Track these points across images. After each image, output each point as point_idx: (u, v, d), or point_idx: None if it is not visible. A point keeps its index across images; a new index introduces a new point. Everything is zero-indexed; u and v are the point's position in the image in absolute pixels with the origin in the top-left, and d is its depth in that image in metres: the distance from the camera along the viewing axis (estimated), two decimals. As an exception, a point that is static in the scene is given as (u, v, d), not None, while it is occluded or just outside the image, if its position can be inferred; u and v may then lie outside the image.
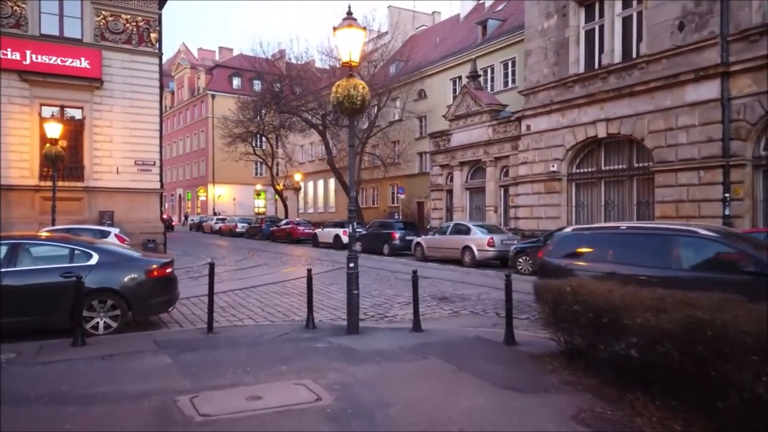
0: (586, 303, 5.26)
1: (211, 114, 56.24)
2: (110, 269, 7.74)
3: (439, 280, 13.94)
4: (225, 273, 15.52)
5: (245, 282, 13.61)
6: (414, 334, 7.47)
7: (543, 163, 19.39)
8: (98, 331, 7.50)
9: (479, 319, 9.25)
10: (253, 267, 17.42)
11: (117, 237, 14.85)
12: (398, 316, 9.62)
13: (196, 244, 29.34)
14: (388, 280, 13.97)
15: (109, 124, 18.70)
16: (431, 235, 19.37)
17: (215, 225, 42.75)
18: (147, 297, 7.89)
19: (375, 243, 22.63)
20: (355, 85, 7.38)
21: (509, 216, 21.51)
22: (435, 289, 12.45)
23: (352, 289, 7.60)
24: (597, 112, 17.50)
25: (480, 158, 22.83)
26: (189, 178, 63.58)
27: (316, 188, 47.93)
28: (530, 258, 14.80)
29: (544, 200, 19.38)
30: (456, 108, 24.12)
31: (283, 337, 7.33)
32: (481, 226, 17.90)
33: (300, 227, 30.94)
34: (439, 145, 25.41)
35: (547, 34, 19.31)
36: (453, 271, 15.87)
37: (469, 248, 17.06)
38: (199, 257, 20.80)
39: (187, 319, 9.01)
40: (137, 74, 19.05)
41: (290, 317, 9.33)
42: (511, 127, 21.12)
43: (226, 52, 67.50)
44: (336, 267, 17.15)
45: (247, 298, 11.10)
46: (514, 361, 6.04)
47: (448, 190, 25.32)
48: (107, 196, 18.61)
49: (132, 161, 19.03)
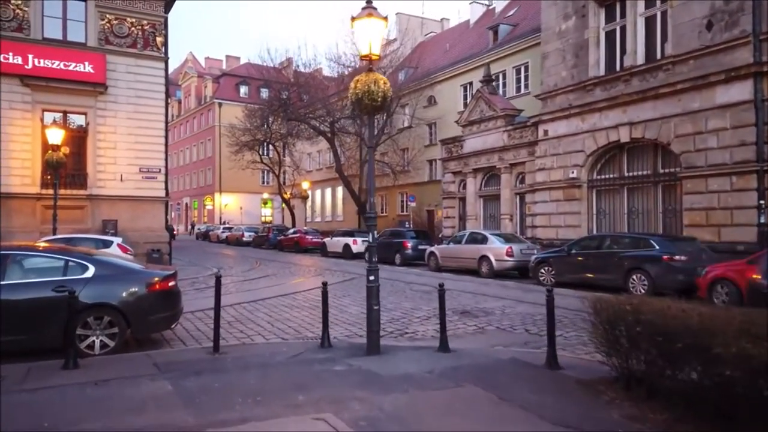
0: (653, 325, 4.53)
1: (217, 122, 55.91)
2: (107, 282, 7.07)
3: (457, 292, 13.19)
4: (232, 284, 14.86)
5: (253, 294, 12.93)
6: (442, 355, 6.73)
7: (562, 170, 18.65)
8: (94, 351, 6.82)
9: (508, 337, 8.50)
10: (261, 278, 16.74)
11: (119, 247, 14.25)
12: (419, 332, 8.89)
13: (203, 254, 28.75)
14: (403, 292, 13.24)
15: (113, 131, 18.15)
16: (445, 245, 18.64)
17: (222, 234, 42.20)
18: (148, 313, 7.22)
19: (386, 252, 21.87)
20: (375, 80, 6.72)
21: (525, 225, 20.76)
22: (455, 302, 11.70)
23: (373, 305, 6.89)
24: (619, 116, 16.77)
25: (494, 165, 22.12)
26: (195, 187, 63.23)
27: (323, 196, 47.32)
28: (553, 268, 14.03)
29: (563, 208, 18.61)
30: (469, 113, 23.45)
31: (297, 358, 6.61)
32: (498, 234, 17.15)
33: (308, 236, 30.28)
34: (451, 151, 24.73)
35: (565, 36, 18.65)
36: (470, 282, 15.12)
37: (486, 258, 16.31)
38: (206, 267, 20.16)
39: (191, 336, 8.32)
40: (142, 79, 18.52)
41: (303, 334, 8.62)
42: (527, 132, 20.43)
43: (233, 61, 67.34)
44: (347, 278, 16.44)
45: (256, 312, 10.41)
46: (562, 390, 5.29)
47: (460, 197, 24.60)
48: (111, 204, 18.02)
49: (136, 168, 18.46)
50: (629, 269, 12.16)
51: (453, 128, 29.71)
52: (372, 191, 7.08)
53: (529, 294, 12.61)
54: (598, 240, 13.71)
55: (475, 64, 31.69)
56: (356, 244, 24.58)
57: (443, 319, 7.04)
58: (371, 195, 7.06)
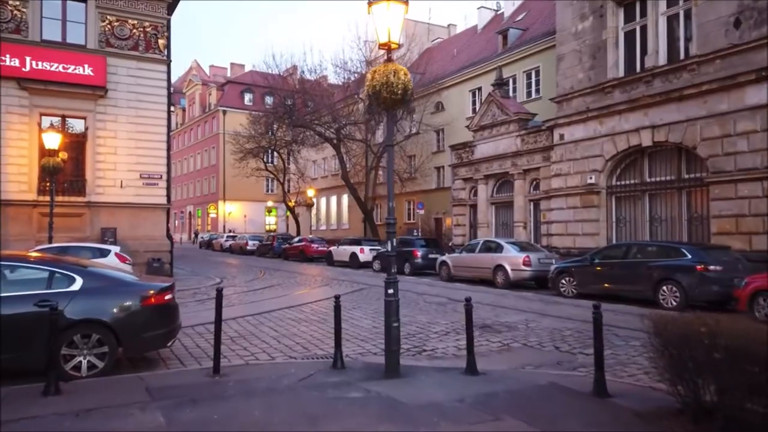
0: (739, 350, 3.77)
1: (222, 130, 55.48)
2: (97, 296, 6.36)
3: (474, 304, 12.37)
4: (235, 296, 14.13)
5: (257, 306, 12.19)
6: (470, 379, 5.98)
7: (579, 175, 17.90)
8: (80, 373, 6.10)
9: (538, 355, 7.72)
10: (265, 288, 16.01)
11: (117, 256, 13.56)
12: (438, 349, 8.13)
13: (206, 263, 28.08)
14: (416, 304, 12.47)
15: (114, 135, 17.53)
16: (457, 254, 17.87)
17: (225, 243, 41.52)
18: (141, 330, 6.50)
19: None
20: (395, 70, 6.01)
21: (540, 233, 19.99)
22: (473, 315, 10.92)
23: (392, 322, 6.15)
24: (640, 119, 16.04)
25: (507, 170, 21.39)
26: (199, 195, 62.72)
27: (328, 204, 46.65)
28: (574, 279, 13.24)
29: (580, 215, 17.85)
30: (480, 118, 22.76)
31: (307, 382, 5.87)
32: (513, 243, 16.39)
33: (314, 245, 29.54)
34: (461, 157, 24.02)
35: (582, 37, 17.97)
36: (486, 293, 14.34)
37: (502, 268, 15.54)
38: (208, 277, 19.47)
39: (190, 355, 7.58)
40: (144, 82, 17.92)
41: (312, 351, 7.87)
42: (541, 136, 19.71)
43: (238, 69, 67.08)
44: (356, 288, 15.69)
45: (261, 327, 9.67)
46: (619, 424, 4.53)
47: (471, 204, 23.86)
48: (110, 211, 17.36)
49: (137, 175, 17.81)
50: (659, 280, 11.37)
51: (461, 134, 29.07)
52: (391, 194, 6.36)
53: (551, 306, 11.84)
54: (623, 249, 12.93)
55: (484, 69, 31.11)
56: (363, 252, 23.84)
57: (470, 337, 6.29)
58: (391, 199, 6.34)
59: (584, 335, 8.80)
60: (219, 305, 6.23)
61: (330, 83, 39.47)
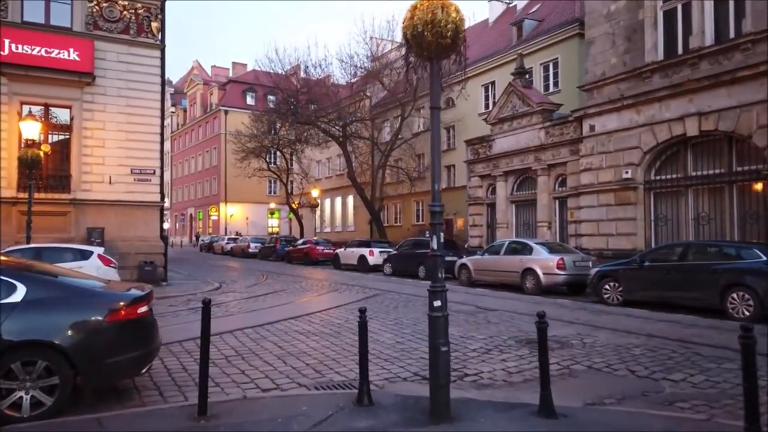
0: None
1: (223, 130, 54.09)
2: (45, 310, 4.80)
3: (508, 313, 10.81)
4: (234, 303, 12.55)
5: (259, 316, 10.60)
6: (549, 424, 4.37)
7: (612, 170, 16.30)
8: (21, 413, 4.54)
9: (612, 383, 6.11)
10: (267, 294, 14.42)
11: (100, 258, 12.01)
12: (484, 373, 6.52)
13: (205, 267, 26.53)
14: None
15: (102, 126, 16.00)
16: (479, 256, 16.25)
17: (226, 245, 39.99)
18: (106, 353, 4.94)
19: (408, 265, 19.57)
20: (443, 5, 4.44)
21: (567, 233, 18.38)
22: (512, 327, 9.34)
23: (439, 345, 4.58)
24: (684, 106, 14.44)
25: (530, 166, 19.78)
26: (200, 197, 61.33)
27: (333, 206, 45.12)
28: (620, 284, 11.61)
29: (614, 213, 16.23)
30: (499, 110, 21.18)
31: (325, 428, 4.28)
32: (543, 244, 14.77)
33: (319, 247, 27.95)
34: (478, 152, 22.44)
35: (615, 18, 16.39)
36: (517, 301, 12.72)
37: (531, 272, 13.92)
38: (206, 281, 17.91)
39: (173, 382, 6.00)
40: (136, 69, 16.39)
41: (326, 376, 6.29)
42: (568, 128, 18.11)
43: (240, 68, 65.73)
44: (369, 294, 14.09)
45: (262, 342, 8.08)
46: None
47: (489, 203, 22.25)
48: (98, 210, 15.81)
49: (128, 170, 16.27)
50: (727, 286, 9.74)
51: (473, 130, 27.65)
52: (438, 173, 4.75)
53: (601, 317, 10.21)
54: (680, 250, 11.27)
55: (497, 62, 29.64)
56: (373, 255, 22.26)
57: (545, 366, 4.65)
58: (437, 179, 4.73)
59: (658, 354, 7.20)
60: (206, 323, 4.63)
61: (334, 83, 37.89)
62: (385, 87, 33.58)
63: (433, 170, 4.76)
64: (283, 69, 35.13)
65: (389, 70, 33.74)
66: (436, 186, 4.71)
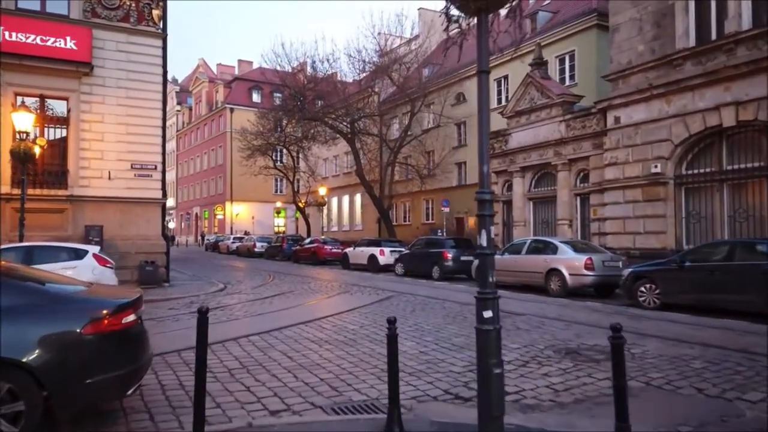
0: None
1: (229, 128, 53.40)
2: (7, 320, 3.96)
3: (537, 318, 9.91)
4: (239, 306, 11.72)
5: (266, 321, 9.77)
6: (631, 467, 3.50)
7: (640, 164, 15.36)
8: (-22, 447, 3.72)
9: (680, 403, 5.22)
10: (274, 296, 13.59)
11: (96, 258, 11.21)
12: (527, 391, 5.63)
13: (210, 267, 25.77)
14: (464, 319, 9.96)
15: (101, 119, 15.22)
16: (499, 255, 15.32)
17: (232, 245, 39.25)
18: (84, 372, 4.12)
19: (421, 265, 18.69)
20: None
21: (590, 231, 17.45)
22: (545, 334, 8.44)
23: (491, 365, 3.71)
24: (720, 95, 13.49)
25: (549, 161, 18.85)
26: (206, 196, 60.70)
27: (340, 204, 44.31)
28: (657, 286, 10.69)
29: (642, 210, 15.29)
30: (516, 102, 20.24)
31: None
32: (568, 243, 13.85)
33: (327, 246, 27.09)
34: (493, 147, 21.49)
35: (642, 3, 15.43)
36: (543, 304, 11.82)
37: (557, 272, 13.00)
38: (211, 282, 17.12)
39: (167, 401, 5.16)
40: (136, 59, 15.61)
41: (344, 393, 5.44)
42: (591, 121, 17.18)
43: (246, 65, 64.93)
44: (382, 296, 13.22)
45: (270, 352, 7.23)
46: None
47: (505, 201, 21.33)
48: (96, 207, 15.04)
49: (128, 165, 15.49)
50: (782, 288, 8.82)
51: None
52: (485, 153, 3.87)
53: (642, 323, 9.27)
54: (725, 249, 10.35)
55: (508, 56, 28.59)
56: (384, 255, 21.39)
57: (622, 393, 3.77)
58: (485, 159, 3.85)
59: (723, 368, 6.30)
60: (202, 336, 3.79)
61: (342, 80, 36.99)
62: (394, 82, 32.73)
63: (481, 150, 3.88)
64: (289, 64, 34.30)
65: (398, 65, 32.91)
66: (486, 168, 3.82)
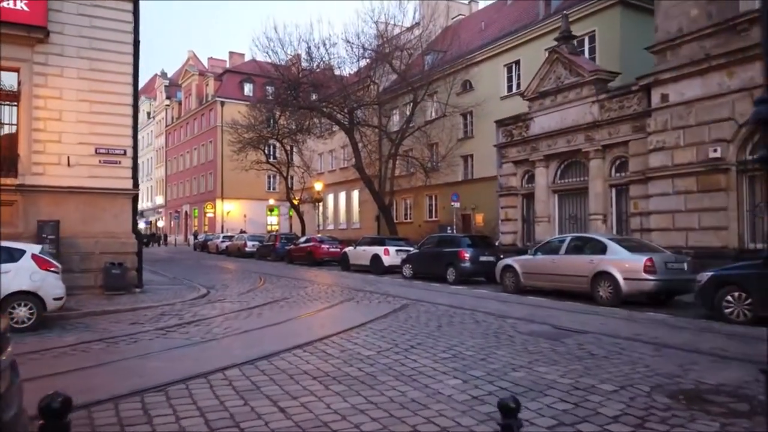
0: None
1: (219, 123, 50.96)
2: None
3: (608, 338, 7.60)
4: (220, 320, 9.35)
5: (251, 344, 7.43)
6: None
7: (694, 148, 13.15)
8: None
9: None
10: (264, 305, 11.25)
11: (36, 260, 8.82)
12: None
13: (195, 268, 23.43)
14: (510, 338, 7.64)
15: (58, 95, 12.82)
16: (530, 256, 13.05)
17: (222, 244, 36.85)
18: None
19: (433, 266, 16.42)
20: None
21: (628, 227, 15.22)
22: (637, 365, 6.10)
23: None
24: (799, 63, 11.27)
25: (579, 147, 16.60)
26: (195, 194, 58.23)
27: (337, 201, 41.97)
28: (749, 295, 8.46)
29: (697, 202, 13.08)
30: (540, 82, 17.96)
31: None
32: (618, 240, 11.59)
33: (324, 245, 24.74)
34: (511, 134, 19.23)
35: (696, -40, 13.23)
36: (600, 316, 9.55)
37: (607, 276, 10.74)
38: (192, 287, 14.81)
39: None
40: (102, 24, 13.22)
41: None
42: (631, 100, 14.94)
43: (238, 58, 62.51)
44: (395, 305, 10.88)
45: (254, 399, 4.88)
46: None
47: (525, 194, 19.06)
48: (53, 199, 12.64)
49: (92, 149, 13.11)
50: None
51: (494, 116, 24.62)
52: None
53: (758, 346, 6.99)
54: None
55: (523, 38, 26.55)
56: (389, 254, 19.11)
57: None
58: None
59: None
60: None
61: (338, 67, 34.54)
62: (395, 70, 30.46)
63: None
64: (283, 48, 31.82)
65: (400, 51, 30.65)
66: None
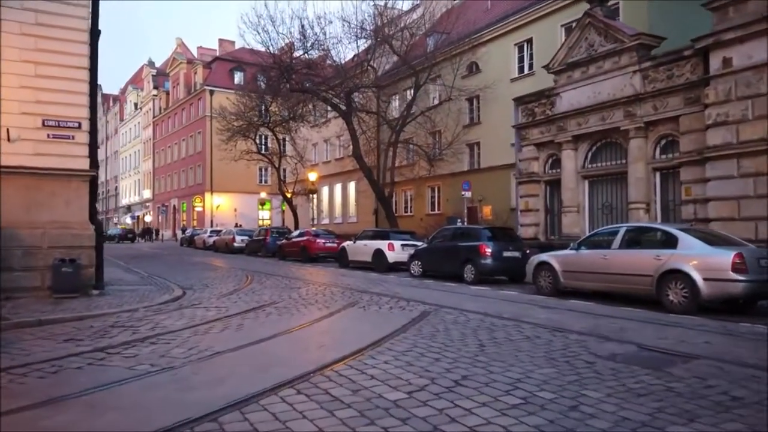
0: None
1: (209, 112, 48.52)
2: None
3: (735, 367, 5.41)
4: (186, 336, 6.99)
5: (221, 374, 5.08)
6: None
7: (764, 121, 10.98)
8: None
9: None
10: (248, 311, 8.95)
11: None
12: None
13: (177, 264, 21.17)
14: (589, 366, 5.39)
15: (-5, 54, 10.48)
16: (572, 251, 10.82)
17: (209, 239, 34.51)
18: None
19: (447, 263, 14.22)
20: None
21: (678, 216, 13.06)
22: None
23: None
24: None
25: (616, 125, 14.38)
26: (184, 187, 55.85)
27: (332, 194, 39.71)
28: None
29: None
30: (568, 52, 15.70)
31: None
32: (689, 231, 9.40)
33: (319, 240, 22.47)
34: (533, 113, 16.98)
35: None
36: (686, 329, 7.34)
37: (680, 275, 8.53)
38: (167, 286, 12.54)
39: None
40: (49, -31, 10.88)
41: None
42: (683, 68, 12.75)
43: (228, 45, 59.88)
44: (413, 313, 8.61)
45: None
46: None
47: (549, 180, 16.85)
48: (-12, 180, 10.31)
49: (38, 121, 10.75)
50: None
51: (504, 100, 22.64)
52: None
53: None
54: None
55: (536, 14, 24.49)
56: (393, 249, 16.89)
57: None
58: None
59: None
60: None
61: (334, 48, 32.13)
62: (396, 51, 28.17)
63: None
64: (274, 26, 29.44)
65: (400, 30, 28.38)
66: None
